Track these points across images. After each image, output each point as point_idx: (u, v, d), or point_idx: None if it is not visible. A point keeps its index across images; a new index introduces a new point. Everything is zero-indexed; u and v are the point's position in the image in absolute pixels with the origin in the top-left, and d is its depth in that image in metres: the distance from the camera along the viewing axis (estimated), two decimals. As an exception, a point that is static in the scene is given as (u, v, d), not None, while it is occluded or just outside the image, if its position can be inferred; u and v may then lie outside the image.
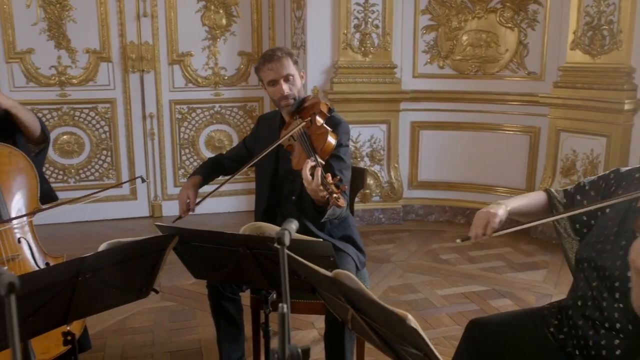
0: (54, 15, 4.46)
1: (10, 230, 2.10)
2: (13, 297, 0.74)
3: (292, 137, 2.27)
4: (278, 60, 2.34)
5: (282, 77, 2.34)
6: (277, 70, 2.33)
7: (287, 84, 2.35)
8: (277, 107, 2.48)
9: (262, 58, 2.40)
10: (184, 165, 4.91)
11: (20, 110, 2.28)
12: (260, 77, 2.42)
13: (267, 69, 2.35)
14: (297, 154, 2.26)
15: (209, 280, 2.31)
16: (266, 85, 2.40)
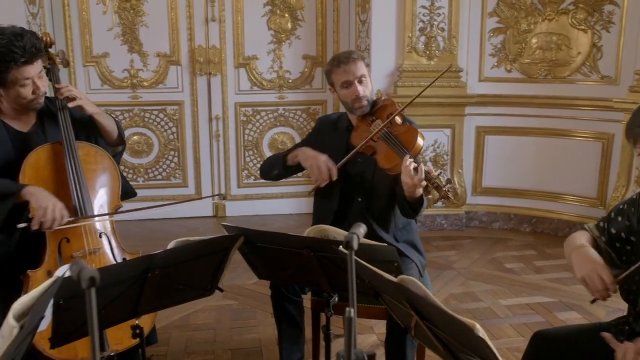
0: (127, 20, 4.64)
1: (93, 225, 2.20)
2: (93, 290, 0.77)
3: (372, 138, 2.27)
4: (353, 62, 2.35)
5: (357, 78, 2.35)
6: (352, 71, 2.34)
7: (361, 85, 2.35)
8: (348, 110, 2.47)
9: (336, 60, 2.40)
10: (247, 166, 4.99)
11: (102, 116, 2.39)
12: (332, 79, 2.42)
13: (342, 70, 2.35)
14: (383, 153, 2.27)
15: (272, 281, 2.33)
16: (338, 88, 2.40)
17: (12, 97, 2.17)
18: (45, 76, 2.25)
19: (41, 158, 2.18)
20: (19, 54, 2.05)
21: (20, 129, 2.27)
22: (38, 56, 2.14)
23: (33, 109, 2.23)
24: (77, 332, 1.72)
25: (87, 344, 2.04)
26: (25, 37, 2.09)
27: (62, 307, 1.52)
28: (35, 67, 2.14)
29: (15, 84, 2.12)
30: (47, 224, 2.01)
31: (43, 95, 2.21)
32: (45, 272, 2.06)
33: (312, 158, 2.35)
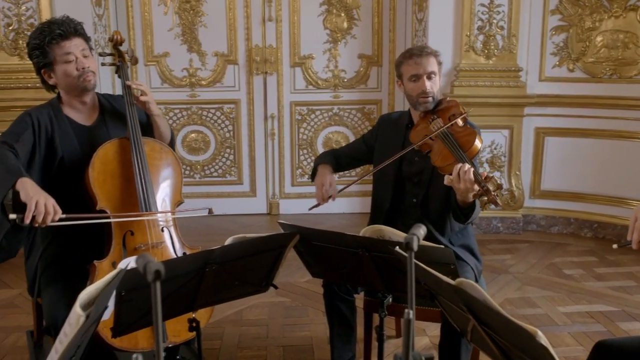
0: (187, 21, 4.76)
1: (156, 219, 2.26)
2: (158, 284, 0.79)
3: (430, 136, 2.26)
4: (425, 57, 2.33)
5: (426, 73, 2.33)
6: (423, 65, 2.32)
7: (429, 81, 2.33)
8: (411, 104, 2.45)
9: (408, 52, 2.39)
10: (301, 165, 5.03)
11: (162, 119, 2.47)
12: (401, 70, 2.40)
13: (414, 62, 2.33)
14: (438, 152, 2.25)
15: (325, 279, 2.34)
16: (406, 80, 2.38)
17: (61, 78, 2.24)
18: (93, 58, 2.31)
19: (109, 152, 2.26)
20: (54, 28, 2.18)
21: (83, 123, 2.35)
22: (75, 34, 2.23)
23: (84, 88, 2.27)
24: (138, 322, 1.78)
25: (147, 334, 2.11)
26: (60, 19, 2.25)
27: (124, 298, 1.57)
28: (75, 43, 2.22)
29: (59, 60, 2.21)
30: (39, 217, 1.90)
31: (90, 72, 2.25)
32: (110, 262, 2.14)
33: (321, 177, 2.48)
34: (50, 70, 2.24)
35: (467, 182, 2.02)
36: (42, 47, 2.19)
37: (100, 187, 2.19)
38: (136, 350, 2.14)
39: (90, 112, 2.38)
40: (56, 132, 2.25)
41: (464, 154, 2.19)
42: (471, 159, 2.20)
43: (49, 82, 2.28)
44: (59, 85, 2.29)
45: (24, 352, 2.85)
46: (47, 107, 2.30)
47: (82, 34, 2.27)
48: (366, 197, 4.78)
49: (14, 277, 3.76)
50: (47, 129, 2.23)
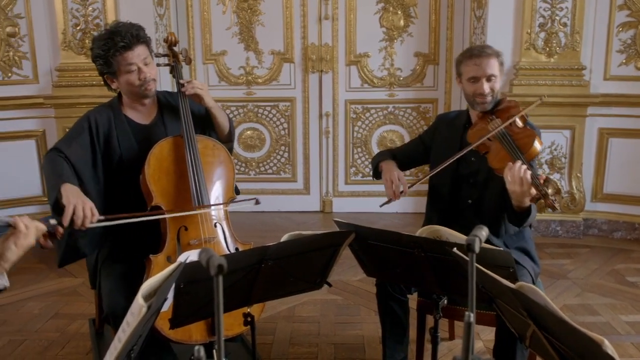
0: (245, 20, 4.83)
1: (209, 214, 2.31)
2: (221, 277, 0.80)
3: (488, 137, 2.21)
4: (486, 58, 2.28)
5: (486, 76, 2.28)
6: (483, 68, 2.28)
7: (488, 83, 2.29)
8: (469, 103, 2.41)
9: (469, 52, 2.35)
10: (355, 163, 5.02)
11: (218, 111, 2.50)
12: (461, 70, 2.36)
13: (473, 63, 2.29)
14: (496, 154, 2.21)
15: (380, 278, 2.33)
16: (464, 80, 2.35)
17: (124, 85, 2.32)
18: (153, 63, 2.38)
19: (164, 150, 2.32)
20: (117, 40, 2.23)
21: (141, 122, 2.43)
22: (138, 42, 2.27)
23: (145, 95, 2.35)
24: (194, 315, 1.82)
25: (201, 327, 2.15)
26: (124, 27, 2.28)
27: (182, 291, 1.61)
28: (137, 53, 2.27)
29: (122, 70, 2.27)
30: (78, 221, 1.97)
31: (151, 81, 2.33)
32: (165, 257, 2.20)
33: (389, 172, 2.41)
34: (113, 77, 2.32)
35: (524, 184, 1.96)
36: (106, 58, 2.26)
37: (156, 183, 2.25)
38: (190, 343, 2.19)
39: (149, 111, 2.46)
40: (114, 132, 2.34)
41: (522, 155, 2.13)
42: (529, 162, 2.14)
43: (112, 86, 2.37)
44: (120, 89, 2.38)
45: (86, 338, 2.97)
46: (107, 108, 2.39)
47: (143, 40, 2.31)
48: (420, 197, 4.73)
49: (78, 267, 3.90)
50: (104, 130, 2.32)
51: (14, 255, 1.60)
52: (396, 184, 2.37)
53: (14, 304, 3.41)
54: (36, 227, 1.65)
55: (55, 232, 1.74)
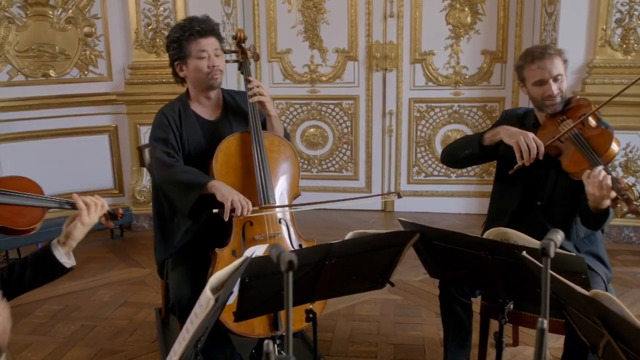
0: (310, 18, 4.86)
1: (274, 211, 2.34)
2: (291, 273, 0.81)
3: (559, 138, 2.13)
4: (549, 59, 2.19)
5: (552, 77, 2.20)
6: (547, 69, 2.19)
7: (555, 84, 2.20)
8: (537, 107, 2.33)
9: (529, 55, 2.25)
10: (418, 163, 4.96)
11: (277, 120, 2.55)
12: (524, 75, 2.27)
13: (537, 67, 2.20)
14: (570, 156, 2.13)
15: (443, 280, 2.29)
16: (530, 85, 2.26)
17: (192, 72, 2.40)
18: (223, 58, 2.45)
19: (232, 146, 2.37)
20: (194, 24, 2.34)
21: (208, 118, 2.49)
22: (212, 33, 2.37)
23: (210, 86, 2.42)
24: (258, 309, 1.85)
25: (262, 321, 2.19)
26: (201, 17, 2.40)
27: (247, 285, 1.63)
28: (210, 42, 2.36)
29: (194, 55, 2.36)
30: (238, 212, 2.15)
31: (218, 72, 2.40)
32: (230, 251, 2.24)
33: (519, 134, 2.15)
34: (183, 63, 2.40)
35: (604, 189, 1.88)
36: (180, 41, 2.36)
37: (223, 178, 2.30)
38: (252, 336, 2.23)
39: (215, 107, 2.52)
40: (184, 127, 2.42)
41: (599, 158, 2.04)
42: (607, 163, 2.05)
43: (180, 74, 2.45)
44: (188, 78, 2.45)
45: (153, 327, 3.07)
46: (177, 102, 2.47)
47: (218, 34, 2.41)
48: (484, 198, 4.63)
49: (145, 258, 4.06)
50: (177, 125, 2.40)
51: (79, 233, 1.68)
52: (532, 145, 2.11)
53: (86, 291, 3.57)
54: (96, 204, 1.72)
55: (116, 213, 1.82)
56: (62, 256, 1.68)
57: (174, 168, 2.31)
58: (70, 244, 1.68)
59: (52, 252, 1.67)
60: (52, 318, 3.21)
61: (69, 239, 1.68)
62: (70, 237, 1.68)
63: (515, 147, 2.14)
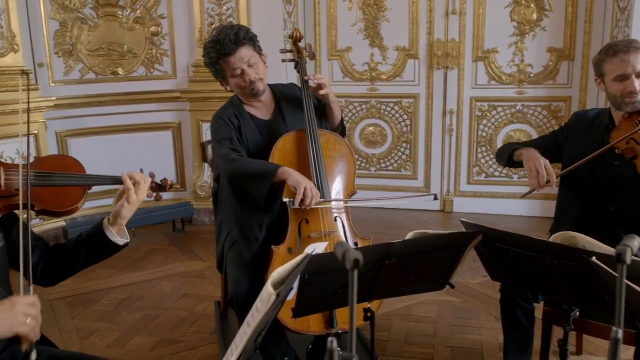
0: (370, 16, 4.84)
1: (329, 208, 2.35)
2: (356, 272, 0.81)
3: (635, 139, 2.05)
4: (633, 53, 2.10)
5: (636, 72, 2.10)
6: (631, 63, 2.10)
7: (638, 80, 2.11)
8: (614, 105, 2.24)
9: (611, 49, 2.17)
10: (479, 163, 4.86)
11: (336, 105, 2.55)
12: (603, 70, 2.19)
13: (619, 60, 2.12)
14: None
15: (505, 283, 2.23)
16: (609, 80, 2.18)
17: (234, 88, 2.45)
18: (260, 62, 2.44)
19: (288, 143, 2.39)
20: (218, 48, 2.34)
21: (262, 117, 2.52)
22: (238, 45, 2.34)
23: (254, 95, 2.45)
24: (316, 306, 1.86)
25: (318, 319, 2.20)
26: (223, 33, 2.35)
27: (306, 282, 1.64)
28: (239, 56, 2.35)
29: (229, 75, 2.39)
30: (307, 200, 2.17)
31: (257, 81, 2.41)
32: (287, 248, 2.27)
33: (533, 159, 2.20)
34: (224, 82, 2.46)
35: None
36: (213, 64, 2.40)
37: None
38: (307, 333, 2.25)
39: (267, 106, 2.55)
40: (243, 128, 2.45)
41: None
42: None
43: (226, 88, 2.51)
44: (234, 91, 2.50)
45: (211, 319, 3.14)
46: (231, 107, 2.50)
47: (245, 42, 2.37)
48: (547, 200, 4.50)
49: (205, 252, 4.16)
50: (236, 127, 2.44)
51: (127, 211, 1.66)
52: (542, 174, 2.16)
53: (149, 281, 3.69)
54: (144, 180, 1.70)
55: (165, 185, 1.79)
56: (114, 235, 1.68)
57: (242, 160, 2.33)
58: (120, 222, 1.67)
59: (104, 231, 1.67)
60: (117, 306, 3.34)
61: (117, 218, 1.67)
62: (119, 216, 1.66)
63: (528, 172, 2.21)
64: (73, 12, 4.50)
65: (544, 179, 2.13)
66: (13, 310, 1.39)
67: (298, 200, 2.16)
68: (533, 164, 2.19)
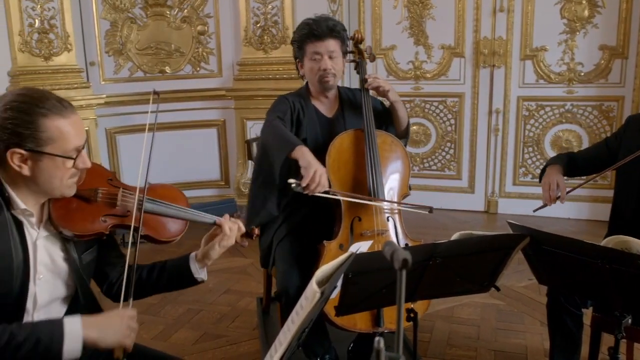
0: (415, 14, 4.80)
1: (382, 208, 2.36)
2: (404, 272, 0.81)
3: None
4: None
5: None
6: None
7: None
8: None
9: None
10: (525, 164, 4.76)
11: (400, 105, 2.56)
12: None
13: None
14: None
15: (553, 288, 2.18)
16: None
17: (307, 72, 2.49)
18: (340, 60, 2.48)
19: (345, 142, 2.41)
20: (313, 28, 2.40)
21: (325, 114, 2.56)
22: (330, 36, 2.41)
23: (323, 87, 2.48)
24: (359, 305, 1.86)
25: (365, 317, 2.20)
26: (322, 19, 2.43)
27: (350, 281, 1.64)
28: (326, 44, 2.41)
29: (308, 57, 2.44)
30: (312, 186, 2.10)
31: (331, 75, 2.44)
32: (338, 244, 2.28)
33: (548, 176, 2.34)
34: (302, 62, 2.50)
35: None
36: (300, 42, 2.46)
37: (334, 173, 2.34)
38: (354, 330, 2.25)
39: (332, 104, 2.58)
40: (304, 118, 2.48)
41: None
42: None
43: (300, 71, 2.55)
44: (305, 76, 2.54)
45: (253, 315, 3.18)
46: (298, 96, 2.55)
47: (338, 36, 2.44)
48: (597, 203, 4.39)
49: (248, 248, 4.17)
50: (298, 113, 2.48)
51: (216, 254, 1.70)
52: (553, 189, 2.29)
53: (193, 277, 3.75)
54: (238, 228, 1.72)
55: (252, 233, 1.80)
56: (197, 271, 1.72)
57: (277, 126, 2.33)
58: (206, 262, 1.71)
59: (189, 265, 1.71)
60: (162, 300, 3.41)
61: (205, 258, 1.71)
62: (207, 257, 1.70)
63: (543, 187, 2.33)
64: (123, 12, 4.62)
65: (554, 194, 2.28)
66: (121, 322, 1.46)
67: (306, 181, 2.09)
68: (547, 180, 2.32)
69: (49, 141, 1.40)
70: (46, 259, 1.52)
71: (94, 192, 1.57)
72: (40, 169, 1.42)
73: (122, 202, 1.59)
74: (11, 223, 1.45)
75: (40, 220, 1.53)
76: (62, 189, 1.48)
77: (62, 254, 1.55)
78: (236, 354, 2.82)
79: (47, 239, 1.53)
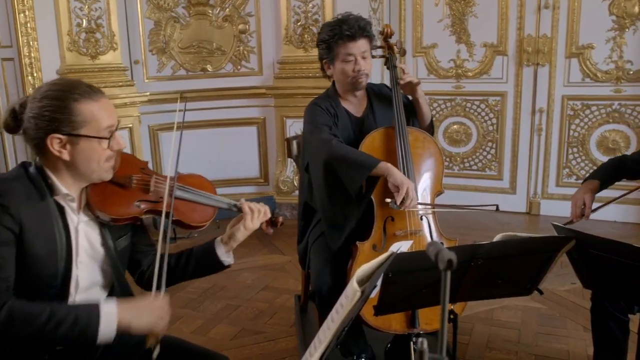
0: (457, 11, 4.73)
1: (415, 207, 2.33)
2: (449, 272, 0.80)
3: None
4: None
5: None
6: None
7: None
8: None
9: None
10: (569, 164, 4.64)
11: (425, 102, 2.51)
12: None
13: None
14: None
15: (598, 292, 2.13)
16: None
17: (337, 74, 2.44)
18: (370, 59, 2.45)
19: (376, 140, 2.38)
20: (344, 28, 2.34)
21: (355, 114, 2.53)
22: (362, 35, 2.37)
23: (355, 88, 2.46)
24: (398, 305, 1.85)
25: (400, 318, 2.18)
26: (353, 18, 2.38)
27: (390, 280, 1.64)
28: (358, 45, 2.37)
29: (340, 58, 2.39)
30: (407, 202, 2.13)
31: (364, 75, 2.41)
32: (371, 245, 2.26)
33: (577, 192, 2.35)
34: (331, 63, 2.46)
35: None
36: (329, 43, 2.41)
37: None
38: (388, 331, 2.24)
39: (361, 103, 2.55)
40: (338, 121, 2.47)
41: None
42: None
43: (327, 72, 2.51)
44: (334, 77, 2.50)
45: (291, 312, 3.20)
46: (327, 99, 2.52)
47: (367, 35, 2.41)
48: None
49: (286, 245, 4.24)
50: (334, 118, 2.46)
51: (241, 235, 1.76)
52: (579, 206, 2.32)
53: (232, 272, 3.80)
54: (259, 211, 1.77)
55: (277, 221, 1.84)
56: (223, 254, 1.77)
57: (343, 146, 2.31)
58: (232, 244, 1.77)
59: (215, 249, 1.77)
60: (201, 295, 3.47)
61: (231, 239, 1.76)
62: (232, 238, 1.76)
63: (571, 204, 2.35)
64: (167, 11, 4.70)
65: (578, 211, 2.32)
66: (153, 307, 1.53)
67: (399, 200, 2.13)
68: (575, 197, 2.35)
69: (83, 124, 1.49)
70: (86, 244, 1.60)
71: (128, 179, 1.65)
72: (78, 152, 1.51)
73: (155, 188, 1.66)
74: (54, 208, 1.53)
75: (79, 206, 1.60)
76: (100, 173, 1.56)
77: (100, 238, 1.63)
78: (274, 350, 2.84)
79: (87, 224, 1.61)
